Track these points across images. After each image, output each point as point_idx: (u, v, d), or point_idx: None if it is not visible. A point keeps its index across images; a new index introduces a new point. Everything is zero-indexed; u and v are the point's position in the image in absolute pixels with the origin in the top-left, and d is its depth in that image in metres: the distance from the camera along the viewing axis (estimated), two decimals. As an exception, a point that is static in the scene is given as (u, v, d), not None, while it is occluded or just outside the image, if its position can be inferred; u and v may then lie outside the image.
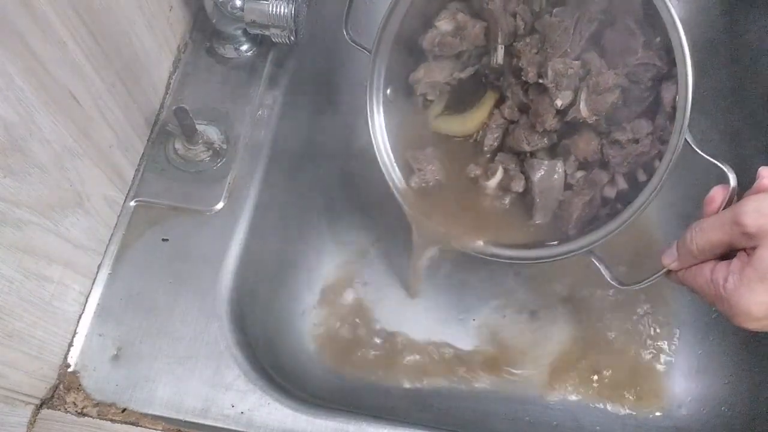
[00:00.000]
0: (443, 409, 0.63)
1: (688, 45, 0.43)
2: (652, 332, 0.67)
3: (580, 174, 0.53)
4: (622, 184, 0.52)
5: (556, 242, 0.52)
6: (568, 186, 0.53)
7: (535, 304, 0.68)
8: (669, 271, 0.44)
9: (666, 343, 0.66)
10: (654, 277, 0.45)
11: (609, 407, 0.64)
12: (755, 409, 0.58)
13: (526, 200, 0.55)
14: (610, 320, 0.67)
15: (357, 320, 0.68)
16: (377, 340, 0.67)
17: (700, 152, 0.43)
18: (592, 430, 0.62)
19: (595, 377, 0.65)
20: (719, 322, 0.65)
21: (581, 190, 0.52)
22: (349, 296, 0.69)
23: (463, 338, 0.67)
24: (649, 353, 0.66)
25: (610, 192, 0.52)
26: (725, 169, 0.41)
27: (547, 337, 0.67)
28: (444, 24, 0.56)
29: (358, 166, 0.71)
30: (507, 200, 0.55)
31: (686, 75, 0.43)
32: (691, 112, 0.43)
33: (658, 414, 0.63)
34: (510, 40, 0.54)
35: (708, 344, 0.65)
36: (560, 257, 0.51)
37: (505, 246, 0.54)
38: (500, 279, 0.69)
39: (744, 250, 0.38)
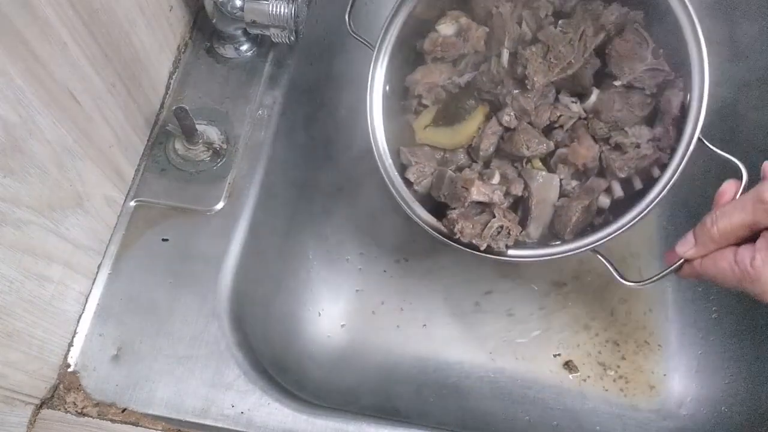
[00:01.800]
0: (443, 409, 0.63)
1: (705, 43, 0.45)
2: (651, 332, 0.67)
3: (575, 183, 0.53)
4: (619, 192, 0.52)
5: (558, 242, 0.52)
6: (564, 193, 0.53)
7: (532, 304, 0.69)
8: (680, 267, 0.44)
9: (666, 343, 0.66)
10: (665, 272, 0.45)
11: (609, 407, 0.64)
12: (755, 409, 0.58)
13: (521, 210, 0.54)
14: (610, 320, 0.68)
15: (356, 319, 0.68)
16: (378, 333, 0.67)
17: (713, 148, 0.45)
18: (592, 430, 0.62)
19: (595, 376, 0.65)
20: (719, 322, 0.65)
21: (578, 196, 0.52)
22: (348, 295, 0.69)
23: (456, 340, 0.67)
24: (649, 353, 0.66)
25: (605, 202, 0.52)
26: (739, 164, 0.43)
27: (544, 337, 0.67)
28: (445, 28, 0.56)
29: (358, 165, 0.71)
30: (505, 205, 0.55)
31: (703, 71, 0.45)
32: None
33: (658, 414, 0.63)
34: (515, 46, 0.54)
35: (708, 344, 0.65)
36: (566, 254, 0.50)
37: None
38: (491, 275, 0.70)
39: (767, 229, 0.38)
